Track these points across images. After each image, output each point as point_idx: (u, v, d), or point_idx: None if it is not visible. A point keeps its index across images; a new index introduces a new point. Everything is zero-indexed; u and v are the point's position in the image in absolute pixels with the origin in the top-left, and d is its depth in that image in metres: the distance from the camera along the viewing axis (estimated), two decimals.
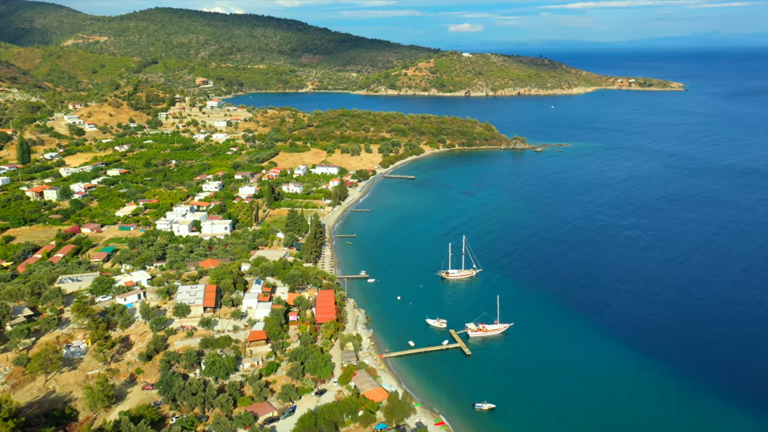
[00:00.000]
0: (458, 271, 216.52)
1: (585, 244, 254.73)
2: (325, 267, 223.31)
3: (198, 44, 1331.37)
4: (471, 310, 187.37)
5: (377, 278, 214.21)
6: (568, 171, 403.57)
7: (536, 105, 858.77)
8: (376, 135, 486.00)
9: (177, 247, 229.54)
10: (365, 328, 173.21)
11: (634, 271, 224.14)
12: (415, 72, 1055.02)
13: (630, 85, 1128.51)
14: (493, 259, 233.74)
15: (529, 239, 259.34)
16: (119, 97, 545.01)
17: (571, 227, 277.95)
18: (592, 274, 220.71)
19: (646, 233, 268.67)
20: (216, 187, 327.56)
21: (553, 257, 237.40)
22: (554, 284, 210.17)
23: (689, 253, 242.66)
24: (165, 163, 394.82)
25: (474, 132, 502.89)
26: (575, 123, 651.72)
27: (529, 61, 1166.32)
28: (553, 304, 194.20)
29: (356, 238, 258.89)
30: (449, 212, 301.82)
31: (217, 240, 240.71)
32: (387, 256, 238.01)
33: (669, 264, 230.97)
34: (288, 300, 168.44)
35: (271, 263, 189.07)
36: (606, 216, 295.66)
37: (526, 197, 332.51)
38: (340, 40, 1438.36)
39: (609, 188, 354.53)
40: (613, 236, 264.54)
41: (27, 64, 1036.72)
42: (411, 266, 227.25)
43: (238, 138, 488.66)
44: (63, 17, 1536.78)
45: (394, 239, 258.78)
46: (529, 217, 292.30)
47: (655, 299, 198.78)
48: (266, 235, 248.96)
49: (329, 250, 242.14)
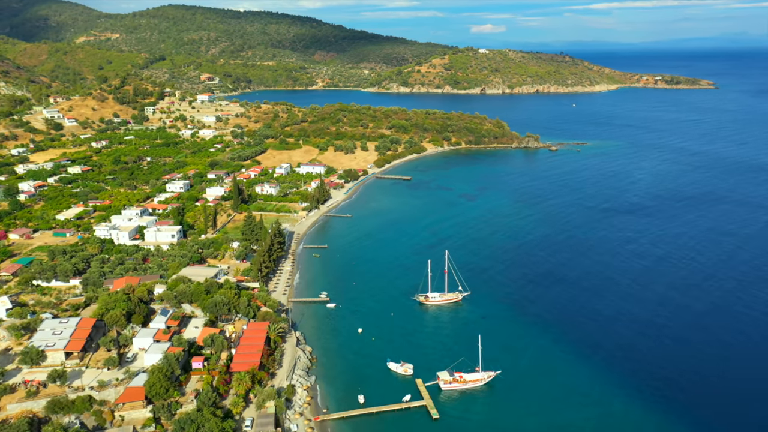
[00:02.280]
0: (440, 295, 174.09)
1: (602, 263, 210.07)
2: (279, 287, 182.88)
3: (209, 41, 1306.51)
4: (449, 350, 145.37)
5: (339, 302, 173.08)
6: (585, 172, 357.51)
7: (555, 103, 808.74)
8: (375, 132, 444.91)
9: (104, 258, 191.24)
10: (305, 374, 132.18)
11: (668, 305, 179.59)
12: (428, 69, 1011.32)
13: (656, 83, 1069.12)
14: (487, 279, 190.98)
15: (534, 255, 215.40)
16: (105, 90, 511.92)
17: (586, 240, 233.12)
18: (612, 304, 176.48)
19: (677, 251, 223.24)
20: (181, 187, 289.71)
21: (562, 279, 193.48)
22: (562, 317, 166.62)
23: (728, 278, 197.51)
24: (139, 160, 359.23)
25: (483, 129, 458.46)
26: (596, 120, 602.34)
27: (549, 58, 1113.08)
28: (559, 344, 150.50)
29: (326, 250, 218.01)
30: (443, 219, 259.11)
31: (156, 251, 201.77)
32: (359, 272, 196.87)
33: (713, 298, 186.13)
34: (198, 338, 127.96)
35: (193, 285, 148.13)
36: (628, 225, 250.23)
37: (535, 202, 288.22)
38: (354, 38, 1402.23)
39: (632, 192, 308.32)
40: (640, 254, 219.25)
41: (33, 60, 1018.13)
42: (385, 286, 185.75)
43: (227, 134, 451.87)
44: (77, 15, 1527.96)
45: (371, 251, 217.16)
46: (535, 227, 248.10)
47: (692, 340, 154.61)
48: (218, 244, 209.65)
49: (290, 265, 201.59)
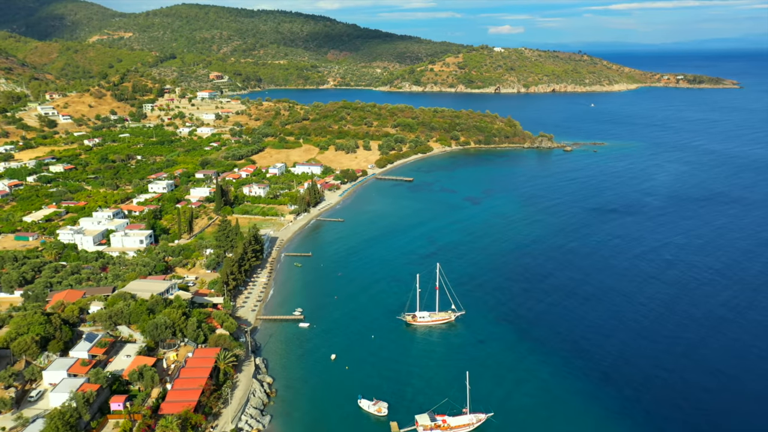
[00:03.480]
0: (430, 315, 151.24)
1: (619, 277, 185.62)
2: (249, 302, 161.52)
3: (221, 40, 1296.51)
4: (434, 384, 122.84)
5: (315, 321, 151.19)
6: (601, 174, 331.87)
7: (572, 102, 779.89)
8: (379, 130, 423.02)
9: (58, 267, 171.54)
10: (259, 414, 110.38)
11: (697, 332, 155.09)
12: (442, 67, 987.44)
13: (678, 82, 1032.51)
14: (486, 295, 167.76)
15: (541, 267, 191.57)
16: (103, 87, 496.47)
17: (601, 251, 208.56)
18: (628, 328, 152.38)
19: (705, 263, 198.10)
20: (165, 187, 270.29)
21: (572, 296, 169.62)
22: (568, 342, 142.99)
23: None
24: (128, 158, 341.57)
25: (493, 128, 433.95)
26: (615, 120, 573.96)
27: (566, 57, 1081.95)
28: (564, 378, 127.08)
29: (310, 259, 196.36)
30: (443, 224, 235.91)
31: (118, 258, 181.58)
32: (343, 285, 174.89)
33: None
34: (126, 371, 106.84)
35: (133, 304, 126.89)
36: (650, 233, 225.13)
37: (545, 207, 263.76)
38: (368, 36, 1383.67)
39: (653, 196, 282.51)
40: (662, 268, 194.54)
41: (43, 58, 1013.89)
42: (370, 302, 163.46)
43: (225, 133, 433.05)
44: (92, 14, 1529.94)
45: (359, 261, 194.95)
46: (545, 234, 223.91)
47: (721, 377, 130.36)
48: (189, 252, 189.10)
49: (266, 276, 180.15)
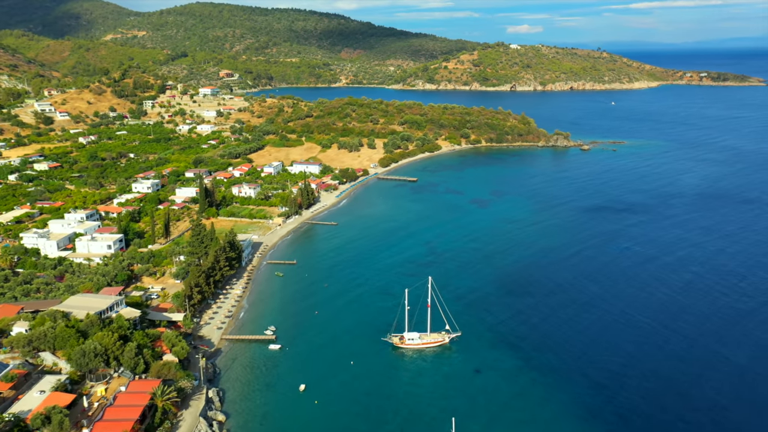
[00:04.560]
0: (420, 336, 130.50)
1: (646, 293, 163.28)
2: (217, 318, 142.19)
3: (233, 38, 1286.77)
4: (418, 429, 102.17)
5: (288, 342, 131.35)
6: (621, 175, 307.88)
7: (590, 100, 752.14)
8: (385, 128, 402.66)
9: (8, 276, 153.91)
10: None
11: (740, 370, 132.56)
12: (456, 65, 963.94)
13: (701, 80, 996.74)
14: (488, 312, 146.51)
15: (553, 279, 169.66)
16: (103, 83, 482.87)
17: (624, 262, 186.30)
18: (658, 357, 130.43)
19: (745, 281, 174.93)
20: (149, 187, 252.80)
21: (587, 315, 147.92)
22: (579, 371, 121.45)
23: None
24: (120, 156, 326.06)
25: (506, 125, 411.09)
26: (636, 118, 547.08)
27: (585, 54, 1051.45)
28: (580, 424, 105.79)
29: (294, 267, 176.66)
30: (446, 230, 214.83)
31: (78, 266, 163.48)
32: (327, 298, 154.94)
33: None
34: (32, 412, 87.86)
35: (59, 326, 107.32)
36: (679, 242, 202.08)
37: (560, 211, 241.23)
38: (382, 34, 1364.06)
39: (679, 199, 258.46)
40: (692, 279, 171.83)
41: (55, 56, 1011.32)
42: (355, 319, 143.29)
43: (225, 130, 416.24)
44: (108, 13, 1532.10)
45: (349, 270, 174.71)
46: (559, 242, 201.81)
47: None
48: (160, 259, 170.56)
49: (241, 287, 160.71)
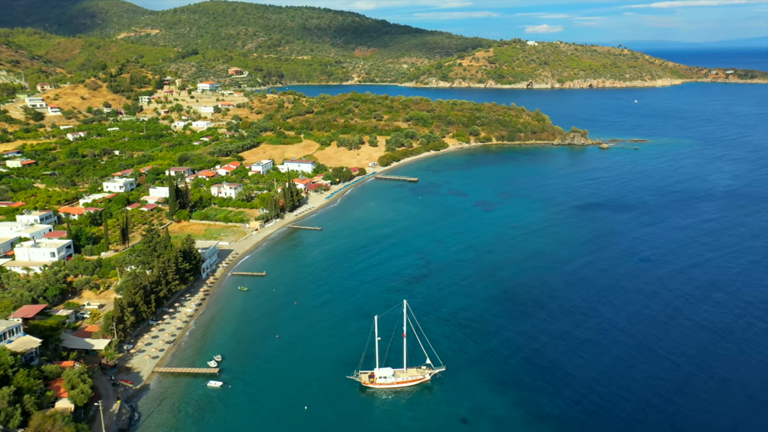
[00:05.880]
0: (395, 373, 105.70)
1: (685, 319, 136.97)
2: (153, 345, 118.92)
3: (246, 36, 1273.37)
4: None
5: (235, 377, 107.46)
6: (644, 177, 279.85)
7: (610, 97, 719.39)
8: (389, 125, 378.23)
9: None
10: None
11: None
12: (471, 62, 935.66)
13: (727, 77, 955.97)
14: (481, 342, 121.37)
15: (562, 299, 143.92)
16: (99, 78, 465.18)
17: (644, 278, 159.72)
18: (695, 407, 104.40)
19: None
20: (122, 186, 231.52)
21: (606, 347, 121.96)
22: (606, 427, 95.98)
23: None
24: (104, 153, 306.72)
25: (518, 122, 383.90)
26: (660, 115, 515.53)
27: (605, 51, 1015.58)
28: None
29: (263, 280, 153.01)
30: (443, 237, 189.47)
31: (8, 277, 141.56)
32: (294, 319, 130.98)
33: None
34: None
35: None
36: (715, 257, 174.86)
37: (573, 215, 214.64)
38: (397, 32, 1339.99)
39: (709, 203, 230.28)
40: (734, 310, 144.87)
41: (66, 54, 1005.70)
42: (321, 348, 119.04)
43: (222, 126, 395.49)
44: (123, 12, 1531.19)
45: (325, 285, 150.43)
46: (572, 253, 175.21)
47: None
48: (106, 269, 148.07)
49: (194, 304, 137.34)
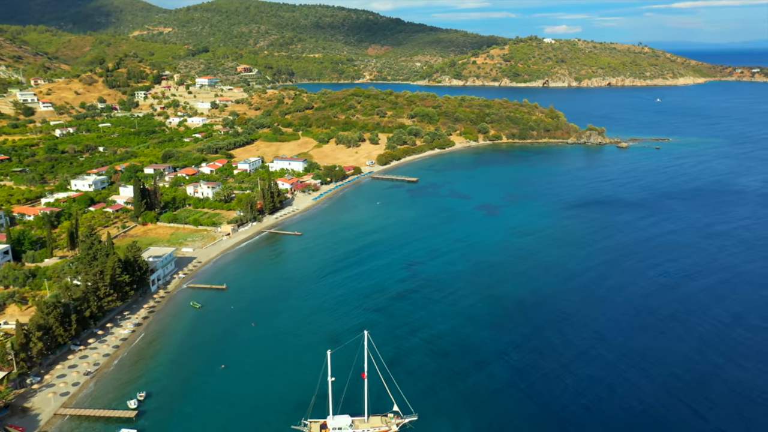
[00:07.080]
0: (352, 423, 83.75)
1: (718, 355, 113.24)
2: (69, 376, 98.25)
3: (258, 34, 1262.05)
4: None
5: (154, 422, 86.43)
6: (668, 179, 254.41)
7: (630, 96, 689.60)
8: (393, 121, 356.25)
9: None
10: None
11: None
12: (485, 60, 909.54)
13: (753, 76, 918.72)
14: (467, 382, 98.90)
15: (574, 321, 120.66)
16: (95, 73, 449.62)
17: (666, 297, 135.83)
18: None
19: None
20: (90, 185, 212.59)
21: (618, 385, 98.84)
22: None
23: None
24: (87, 150, 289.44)
25: (530, 120, 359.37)
26: (682, 113, 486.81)
27: (624, 49, 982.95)
28: None
29: (223, 294, 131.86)
30: (438, 245, 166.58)
31: None
32: (244, 345, 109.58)
33: None
34: None
35: None
36: (742, 269, 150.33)
37: (584, 220, 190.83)
38: (411, 31, 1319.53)
39: (742, 205, 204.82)
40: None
41: (76, 51, 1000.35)
42: (272, 384, 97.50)
43: (218, 123, 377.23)
44: (137, 10, 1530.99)
45: (292, 302, 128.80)
46: (585, 266, 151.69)
47: None
48: (40, 280, 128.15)
49: (132, 324, 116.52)
